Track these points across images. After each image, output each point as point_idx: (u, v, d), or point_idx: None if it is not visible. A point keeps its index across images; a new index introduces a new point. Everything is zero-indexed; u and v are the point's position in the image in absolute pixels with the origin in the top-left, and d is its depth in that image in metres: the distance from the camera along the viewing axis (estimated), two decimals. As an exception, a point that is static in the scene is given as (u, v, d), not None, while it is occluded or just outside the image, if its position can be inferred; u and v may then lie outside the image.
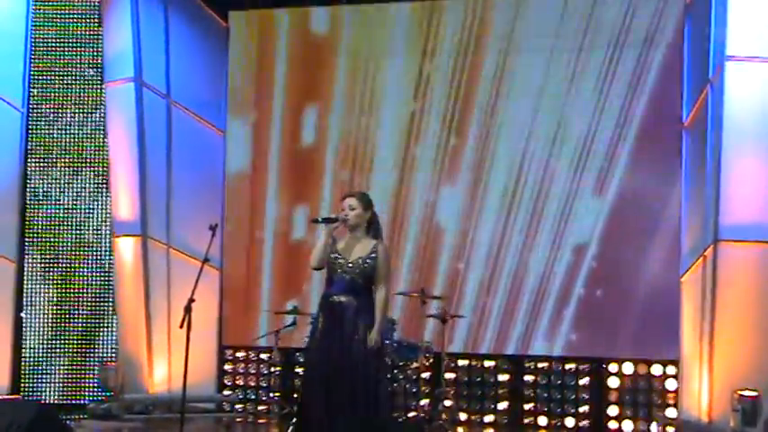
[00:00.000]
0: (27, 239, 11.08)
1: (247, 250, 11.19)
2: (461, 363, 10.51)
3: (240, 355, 11.22)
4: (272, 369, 10.78)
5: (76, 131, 11.22)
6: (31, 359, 11.02)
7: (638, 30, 10.14)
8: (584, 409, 10.22)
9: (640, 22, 10.14)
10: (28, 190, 11.11)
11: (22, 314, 11.02)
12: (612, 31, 10.22)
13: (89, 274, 11.11)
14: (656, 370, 10.01)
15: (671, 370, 9.91)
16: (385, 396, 6.69)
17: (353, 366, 6.45)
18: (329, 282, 6.65)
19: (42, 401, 10.68)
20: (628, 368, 10.10)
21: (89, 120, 11.19)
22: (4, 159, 10.86)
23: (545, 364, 10.34)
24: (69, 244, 11.12)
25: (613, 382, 10.13)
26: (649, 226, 10.02)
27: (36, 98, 11.19)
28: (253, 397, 11.14)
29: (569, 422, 10.22)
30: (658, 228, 9.98)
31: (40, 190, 11.15)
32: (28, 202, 11.11)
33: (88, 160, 11.19)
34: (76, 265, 11.11)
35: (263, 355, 11.02)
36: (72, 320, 11.05)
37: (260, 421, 10.62)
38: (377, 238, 6.70)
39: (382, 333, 6.62)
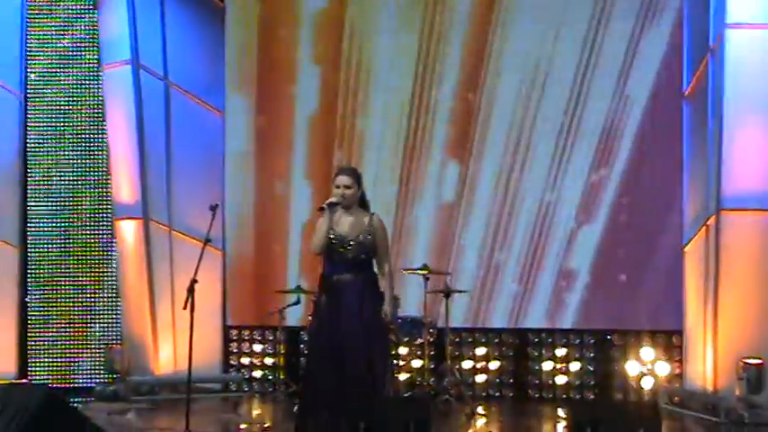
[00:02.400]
0: (29, 224, 11.08)
1: (249, 229, 11.18)
2: (466, 337, 10.51)
3: (245, 334, 11.23)
4: (277, 348, 10.79)
5: (75, 114, 11.19)
6: (38, 344, 11.03)
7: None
8: (589, 381, 10.23)
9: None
10: (29, 175, 11.10)
11: (27, 299, 11.03)
12: (611, 2, 10.14)
13: (93, 258, 11.11)
14: (661, 340, 10.01)
15: (675, 340, 9.91)
16: (384, 374, 6.70)
17: (360, 343, 6.48)
18: (329, 261, 6.65)
19: (50, 386, 10.69)
20: (632, 339, 10.09)
21: (87, 103, 11.15)
22: (3, 145, 10.87)
23: (550, 337, 10.35)
24: (72, 228, 11.12)
25: (618, 354, 10.13)
26: (651, 197, 10.00)
27: (33, 82, 11.15)
28: (258, 376, 11.16)
29: (574, 395, 10.22)
30: (661, 198, 9.96)
31: (41, 174, 11.12)
32: (29, 187, 11.10)
33: (88, 143, 11.16)
34: (80, 248, 11.10)
35: (268, 335, 11.04)
36: (77, 304, 11.06)
37: (266, 400, 10.64)
38: (366, 211, 6.73)
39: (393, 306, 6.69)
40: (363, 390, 6.42)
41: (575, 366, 10.27)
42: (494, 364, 10.49)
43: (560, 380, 10.28)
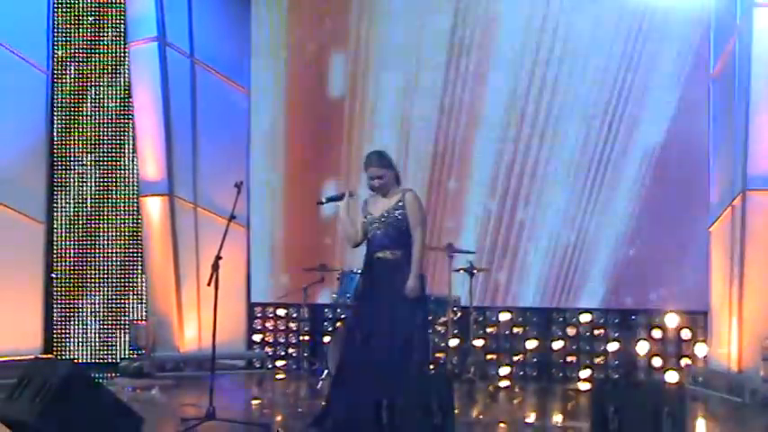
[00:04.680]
0: (55, 201, 11.15)
1: (274, 207, 11.20)
2: (489, 316, 10.51)
3: (269, 312, 11.27)
4: (301, 325, 10.83)
5: (101, 91, 11.24)
6: (63, 319, 11.12)
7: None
8: (613, 360, 10.20)
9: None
10: (54, 151, 11.16)
11: (53, 275, 11.11)
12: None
13: (118, 234, 11.17)
14: (686, 321, 9.97)
15: (700, 320, 9.87)
16: (423, 347, 6.71)
17: (390, 320, 6.53)
18: (368, 241, 6.79)
19: (75, 360, 10.78)
20: (657, 319, 10.06)
21: (114, 80, 11.20)
22: (30, 121, 10.92)
23: (574, 317, 10.33)
24: (97, 204, 11.19)
25: (643, 334, 10.11)
26: (677, 177, 9.93)
27: (60, 59, 11.21)
28: (282, 353, 11.20)
29: (598, 374, 10.20)
30: (686, 179, 9.90)
31: (67, 151, 11.19)
32: (55, 163, 11.16)
33: (114, 120, 11.21)
34: (105, 225, 11.18)
35: (292, 312, 11.08)
36: (102, 280, 11.14)
37: (289, 377, 10.68)
38: (400, 188, 6.80)
39: (422, 279, 6.68)
40: (393, 367, 6.45)
41: (599, 346, 10.25)
42: (518, 344, 10.48)
43: (584, 359, 10.27)
